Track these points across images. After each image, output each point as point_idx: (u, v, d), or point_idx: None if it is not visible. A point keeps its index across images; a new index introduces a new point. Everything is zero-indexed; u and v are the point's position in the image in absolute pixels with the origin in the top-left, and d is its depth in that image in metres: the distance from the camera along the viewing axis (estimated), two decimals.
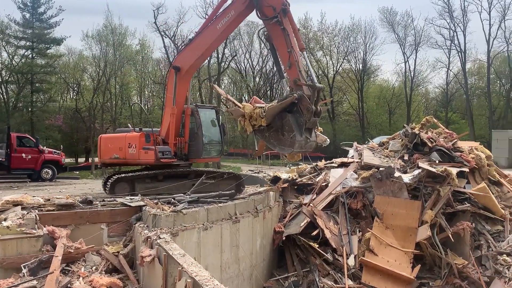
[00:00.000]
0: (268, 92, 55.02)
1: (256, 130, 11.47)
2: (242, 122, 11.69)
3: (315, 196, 13.11)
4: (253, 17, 12.68)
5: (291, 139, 10.73)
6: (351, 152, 15.76)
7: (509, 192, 12.90)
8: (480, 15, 46.38)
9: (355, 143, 16.39)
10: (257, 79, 55.93)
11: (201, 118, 13.26)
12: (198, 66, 15.56)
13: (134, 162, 13.03)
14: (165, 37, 42.34)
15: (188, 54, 12.96)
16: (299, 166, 16.02)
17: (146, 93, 57.57)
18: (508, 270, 10.40)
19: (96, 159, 25.20)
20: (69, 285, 7.26)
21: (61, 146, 28.33)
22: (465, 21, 46.92)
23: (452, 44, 48.63)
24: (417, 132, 14.18)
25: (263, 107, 11.23)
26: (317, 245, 11.62)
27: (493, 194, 12.13)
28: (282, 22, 11.21)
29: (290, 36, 11.14)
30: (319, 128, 12.21)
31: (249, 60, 55.48)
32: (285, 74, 12.38)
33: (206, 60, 45.65)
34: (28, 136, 25.07)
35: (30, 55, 41.57)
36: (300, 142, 10.70)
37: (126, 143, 12.78)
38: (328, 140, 12.96)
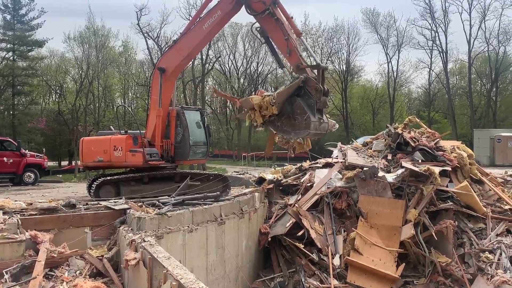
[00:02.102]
0: (253, 93, 55.02)
1: (266, 121, 11.42)
2: (252, 115, 11.58)
3: (300, 196, 13.16)
4: (236, 18, 12.73)
5: (305, 121, 10.66)
6: (335, 152, 15.85)
7: (490, 190, 13.10)
8: (460, 16, 47.03)
9: (339, 144, 16.49)
10: (242, 80, 56.01)
11: (187, 120, 13.22)
12: (183, 67, 15.52)
13: (120, 164, 12.89)
14: (149, 39, 42.21)
15: (173, 55, 12.90)
16: (284, 167, 16.07)
17: (130, 95, 57.20)
18: (491, 267, 10.55)
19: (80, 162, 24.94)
20: None
21: (44, 149, 27.91)
22: (446, 22, 47.54)
23: (433, 44, 49.22)
24: (400, 132, 14.32)
25: (272, 94, 11.22)
26: (303, 246, 11.67)
27: (475, 192, 12.31)
28: (275, 13, 11.34)
29: (285, 25, 11.29)
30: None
31: (233, 61, 55.65)
32: (285, 63, 12.80)
33: (191, 62, 45.63)
34: (9, 139, 24.69)
35: (11, 57, 40.96)
36: (315, 123, 10.67)
37: (111, 146, 12.63)
38: (337, 124, 12.82)
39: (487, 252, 10.98)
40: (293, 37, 11.36)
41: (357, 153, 14.73)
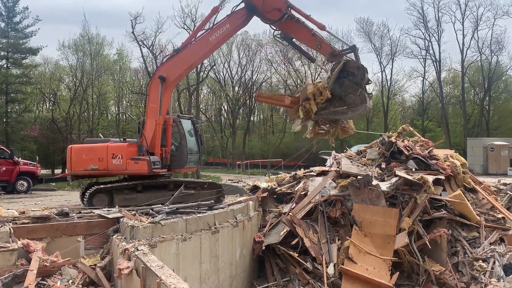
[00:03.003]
0: (248, 101, 55.19)
1: (319, 110, 11.97)
2: (306, 105, 12.12)
3: (294, 205, 13.15)
4: None
5: (360, 97, 11.50)
6: (330, 160, 15.88)
7: (484, 199, 13.15)
8: (453, 25, 47.67)
9: (333, 152, 16.53)
10: (236, 88, 56.12)
11: (184, 129, 13.27)
12: (184, 76, 15.72)
13: (119, 172, 12.66)
14: (143, 47, 42.34)
15: (176, 64, 12.86)
16: (278, 175, 16.07)
17: (124, 103, 57.19)
18: (484, 276, 10.57)
19: None
20: None
21: (37, 157, 27.81)
22: (439, 31, 48.04)
23: (427, 53, 49.62)
24: (393, 140, 14.37)
25: (322, 80, 12.05)
26: (297, 254, 11.64)
27: (468, 201, 12.35)
28: (293, 15, 12.06)
29: (306, 22, 12.12)
30: None
31: (228, 70, 55.72)
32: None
33: None
34: (2, 147, 24.53)
35: (5, 65, 40.85)
36: (367, 97, 11.62)
37: (109, 154, 12.43)
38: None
39: (480, 261, 11.00)
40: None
41: (351, 161, 14.75)
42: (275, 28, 12.67)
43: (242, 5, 12.45)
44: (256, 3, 12.27)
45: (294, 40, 13.06)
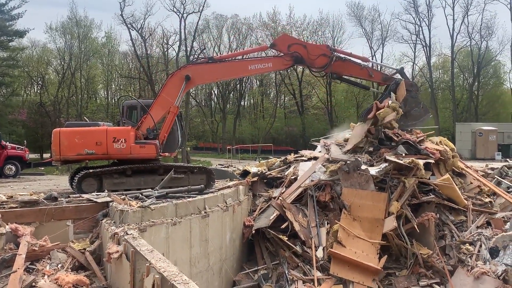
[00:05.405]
0: (238, 86, 54.93)
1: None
2: (388, 125, 13.85)
3: (284, 189, 13.19)
4: (221, 10, 12.99)
5: (423, 109, 14.43)
6: (319, 148, 15.91)
7: (471, 183, 13.28)
8: (444, 10, 47.72)
9: (322, 140, 16.56)
10: None
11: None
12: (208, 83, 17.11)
13: (122, 157, 12.53)
14: (132, 30, 41.85)
15: (207, 72, 13.77)
16: (269, 160, 16.07)
17: (113, 86, 56.63)
18: (471, 259, 10.73)
19: None
20: (33, 284, 7.09)
21: (25, 141, 27.51)
22: (430, 16, 47.99)
23: (417, 38, 49.64)
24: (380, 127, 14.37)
25: (392, 104, 13.82)
26: (286, 238, 11.72)
27: (456, 185, 12.46)
28: (339, 56, 13.76)
29: (352, 58, 14.11)
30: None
31: (218, 54, 55.14)
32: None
33: (175, 53, 45.40)
34: None
35: None
36: (427, 108, 14.54)
37: (109, 137, 12.23)
38: None
39: (467, 244, 11.15)
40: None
41: (340, 148, 14.79)
42: (324, 73, 14.39)
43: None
44: (302, 54, 13.79)
45: (345, 76, 14.75)
